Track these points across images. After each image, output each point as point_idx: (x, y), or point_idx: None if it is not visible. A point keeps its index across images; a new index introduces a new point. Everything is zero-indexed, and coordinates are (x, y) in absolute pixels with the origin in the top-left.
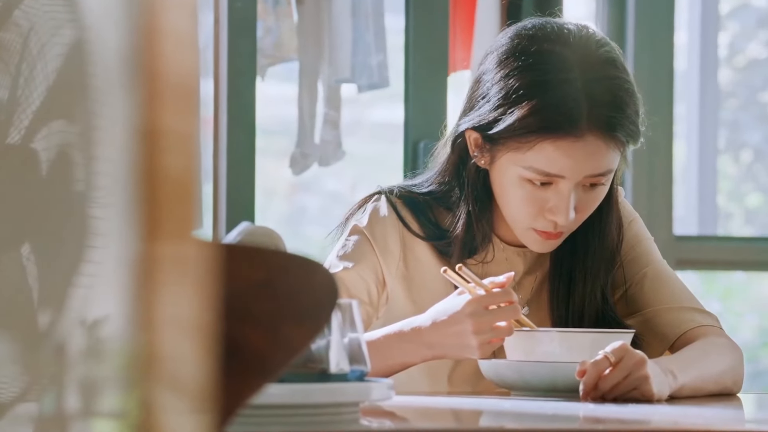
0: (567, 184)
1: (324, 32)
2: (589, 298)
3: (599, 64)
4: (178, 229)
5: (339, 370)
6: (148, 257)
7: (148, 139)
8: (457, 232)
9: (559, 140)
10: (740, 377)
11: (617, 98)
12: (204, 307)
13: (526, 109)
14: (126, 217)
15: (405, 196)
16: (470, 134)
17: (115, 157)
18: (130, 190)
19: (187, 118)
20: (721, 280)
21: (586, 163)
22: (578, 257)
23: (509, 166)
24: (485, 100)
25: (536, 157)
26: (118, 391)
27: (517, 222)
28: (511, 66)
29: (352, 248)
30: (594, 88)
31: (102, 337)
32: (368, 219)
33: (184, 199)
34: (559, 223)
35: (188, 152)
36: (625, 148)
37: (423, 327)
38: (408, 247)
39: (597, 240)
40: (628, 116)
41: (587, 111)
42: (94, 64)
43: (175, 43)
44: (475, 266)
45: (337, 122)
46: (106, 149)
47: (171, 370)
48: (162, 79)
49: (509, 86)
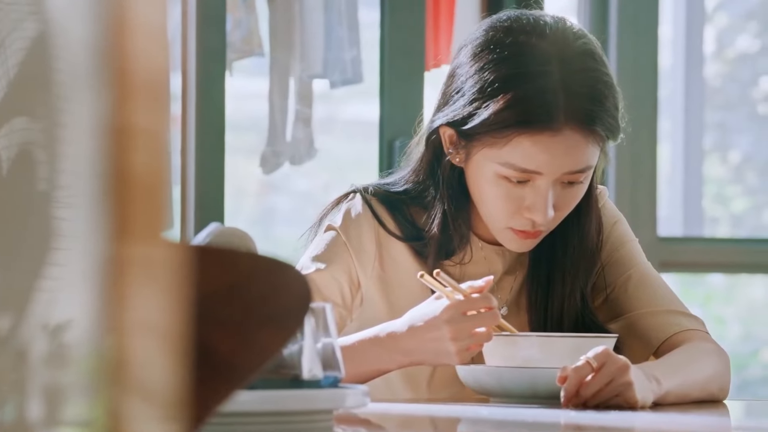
0: (544, 181)
1: (295, 26)
2: (569, 300)
3: (577, 56)
4: (147, 231)
5: (312, 377)
6: (115, 259)
7: (117, 136)
8: (433, 232)
9: (536, 135)
10: (727, 383)
11: (596, 91)
12: (173, 311)
13: (502, 102)
14: (92, 217)
15: (380, 194)
16: (445, 131)
17: (81, 155)
18: (96, 190)
19: (157, 114)
20: (704, 284)
21: (564, 158)
22: (557, 257)
23: (485, 162)
24: (459, 95)
25: (512, 152)
26: (83, 398)
27: (494, 221)
28: (486, 59)
29: (326, 249)
30: (572, 81)
31: (66, 342)
32: (342, 218)
33: (153, 200)
34: (537, 221)
35: (158, 150)
36: (605, 143)
37: (399, 333)
38: (384, 246)
39: (576, 239)
40: (607, 110)
41: (564, 104)
42: (59, 58)
43: (145, 37)
44: (453, 267)
45: (309, 119)
46: (72, 147)
47: (139, 376)
48: (131, 75)
49: (484, 79)
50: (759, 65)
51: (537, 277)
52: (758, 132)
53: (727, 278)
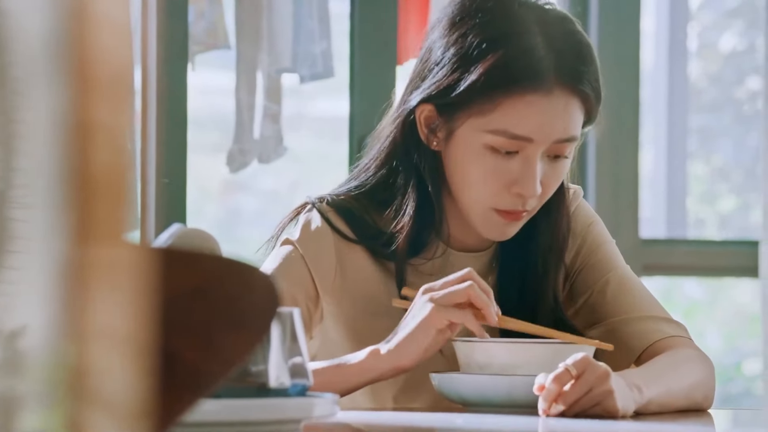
0: (534, 149)
1: (262, 17)
2: (542, 300)
3: (558, 20)
4: (108, 232)
5: (279, 385)
6: (75, 262)
7: (77, 133)
8: (403, 223)
9: (528, 95)
10: (711, 391)
11: (581, 52)
12: (135, 316)
13: (491, 62)
14: (50, 218)
15: (337, 203)
16: (421, 111)
17: (39, 153)
18: (55, 189)
19: (119, 111)
20: (686, 289)
21: (555, 123)
22: (528, 256)
23: (471, 134)
24: (439, 67)
25: (503, 117)
26: (40, 408)
27: (478, 202)
28: (467, 25)
29: (282, 264)
30: (557, 42)
31: (22, 349)
32: (300, 232)
33: (115, 200)
34: (526, 195)
35: (120, 148)
36: (590, 110)
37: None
38: (345, 259)
39: (547, 235)
40: (592, 72)
41: (555, 63)
42: (15, 52)
43: (106, 29)
44: (420, 277)
45: (277, 116)
46: (29, 144)
47: (99, 385)
48: (92, 69)
49: (469, 43)
50: (744, 64)
51: (509, 279)
52: (743, 134)
53: (711, 282)
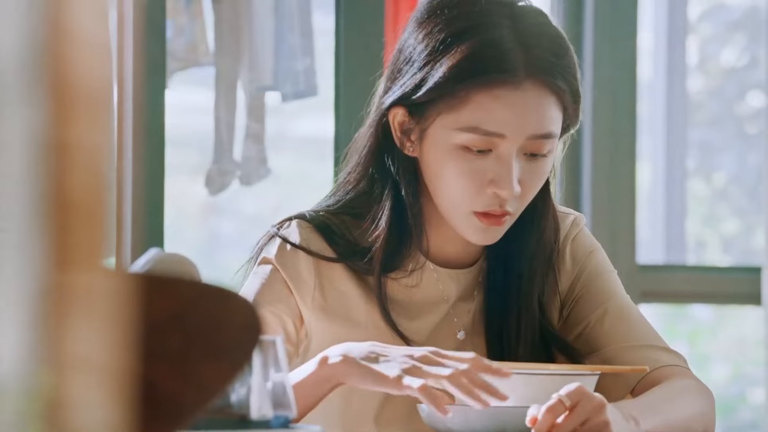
0: (508, 146)
1: (243, 33)
2: (527, 312)
3: (528, 13)
4: (85, 257)
5: (261, 416)
6: (50, 288)
7: (53, 153)
8: (378, 231)
9: (496, 88)
10: (711, 423)
11: (554, 45)
12: (113, 344)
13: (458, 55)
14: (25, 242)
15: (316, 219)
16: (395, 114)
17: (13, 173)
18: (30, 212)
19: (97, 130)
20: (688, 317)
21: (527, 117)
22: (518, 270)
23: (442, 133)
24: (408, 65)
25: (473, 113)
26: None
27: (457, 207)
28: (434, 22)
29: (263, 283)
30: (529, 34)
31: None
32: (277, 249)
33: (92, 223)
34: (503, 196)
35: (98, 169)
36: (567, 106)
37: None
38: (324, 276)
39: (534, 242)
40: (567, 66)
41: (524, 56)
42: None
43: (84, 46)
44: (401, 291)
45: (260, 136)
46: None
47: (75, 416)
48: (69, 87)
49: (435, 39)
50: (746, 80)
51: (498, 297)
52: (745, 152)
53: (714, 310)
